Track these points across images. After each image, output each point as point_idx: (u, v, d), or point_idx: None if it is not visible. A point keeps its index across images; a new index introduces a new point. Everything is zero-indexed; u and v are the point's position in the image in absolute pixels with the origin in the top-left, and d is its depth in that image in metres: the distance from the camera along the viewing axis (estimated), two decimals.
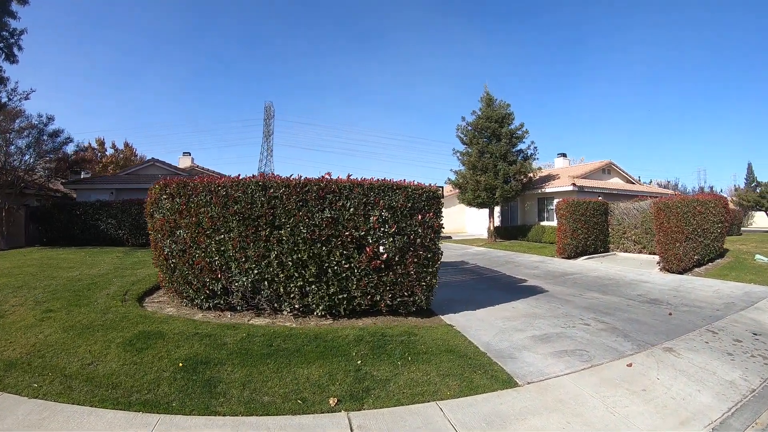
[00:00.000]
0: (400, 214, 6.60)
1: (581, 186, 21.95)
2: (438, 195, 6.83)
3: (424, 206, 6.70)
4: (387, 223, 6.57)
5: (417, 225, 6.61)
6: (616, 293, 9.41)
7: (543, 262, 14.81)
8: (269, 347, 5.27)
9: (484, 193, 21.44)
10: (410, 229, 6.62)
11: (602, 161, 29.51)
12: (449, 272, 12.47)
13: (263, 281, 6.72)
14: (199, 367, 4.64)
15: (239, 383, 4.31)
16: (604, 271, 12.86)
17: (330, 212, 6.61)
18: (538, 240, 22.32)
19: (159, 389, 4.14)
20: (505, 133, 21.34)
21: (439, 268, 6.97)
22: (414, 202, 6.67)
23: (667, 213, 12.48)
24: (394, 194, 6.63)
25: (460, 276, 11.88)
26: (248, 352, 5.07)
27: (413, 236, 6.62)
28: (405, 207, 6.61)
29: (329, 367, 4.81)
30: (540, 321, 6.91)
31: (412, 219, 6.62)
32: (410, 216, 6.63)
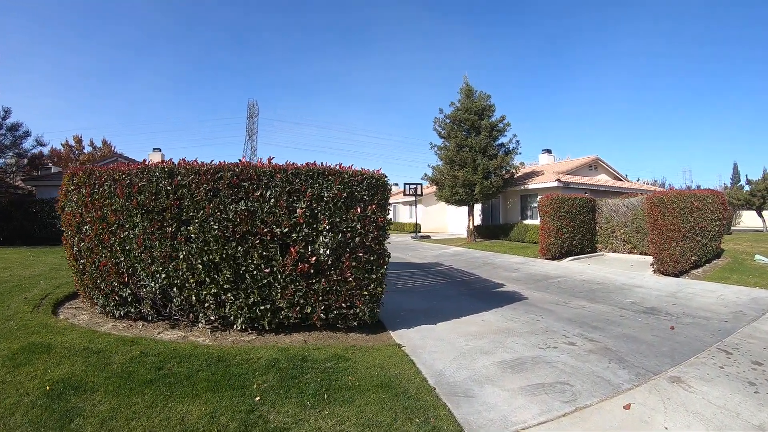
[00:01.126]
0: (333, 207, 5.27)
1: (566, 182, 20.86)
2: (382, 183, 5.51)
3: (364, 197, 5.36)
4: (316, 218, 5.25)
5: (355, 220, 5.28)
6: (606, 301, 8.20)
7: (524, 264, 13.59)
8: (158, 371, 4.30)
9: (462, 190, 20.21)
10: (346, 226, 5.29)
11: (589, 157, 28.55)
12: (418, 275, 11.17)
13: (173, 287, 5.62)
14: (67, 392, 3.82)
15: (99, 419, 3.37)
16: (591, 273, 11.66)
17: (246, 204, 5.33)
18: (520, 239, 21.18)
19: (11, 419, 3.37)
20: (485, 125, 20.13)
21: (385, 274, 5.62)
22: (351, 192, 5.34)
23: (662, 209, 11.35)
24: (325, 181, 5.31)
25: (430, 280, 10.57)
26: (130, 377, 4.15)
27: (350, 234, 5.29)
28: (339, 198, 5.28)
29: (216, 403, 3.65)
30: (514, 339, 5.60)
31: (349, 212, 5.28)
32: (346, 209, 5.29)
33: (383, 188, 5.48)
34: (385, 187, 5.50)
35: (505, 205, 24.62)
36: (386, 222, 5.46)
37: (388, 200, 5.59)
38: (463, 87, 21.71)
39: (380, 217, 5.33)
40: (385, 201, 5.48)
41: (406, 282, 10.12)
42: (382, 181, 5.46)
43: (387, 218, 5.47)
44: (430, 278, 10.84)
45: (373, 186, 5.39)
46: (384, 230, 5.44)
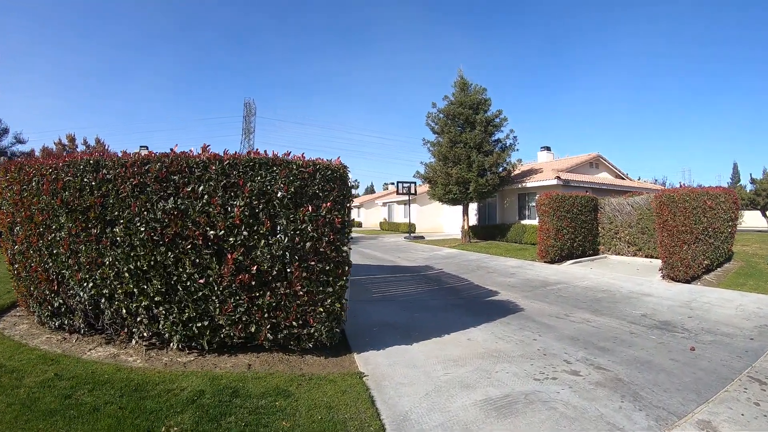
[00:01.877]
0: (277, 205, 4.32)
1: (566, 180, 19.92)
2: (341, 176, 4.57)
3: (317, 192, 4.41)
4: (257, 218, 4.30)
5: (306, 221, 4.34)
6: (612, 312, 7.26)
7: (521, 268, 12.64)
8: (64, 400, 3.66)
9: (456, 188, 19.25)
10: (295, 228, 4.33)
11: (589, 154, 27.65)
12: (404, 281, 10.22)
13: (101, 297, 4.90)
14: None
15: None
16: (594, 279, 10.72)
17: (175, 201, 4.38)
18: (518, 240, 20.24)
19: None
20: (480, 120, 19.16)
21: (346, 287, 4.67)
22: (301, 187, 4.39)
23: (673, 209, 10.43)
24: (269, 174, 4.36)
25: (416, 286, 9.61)
26: (33, 405, 3.56)
27: (300, 238, 4.33)
28: (286, 194, 4.31)
29: None
30: (503, 367, 4.65)
31: (298, 212, 4.32)
32: (294, 207, 4.35)
33: (342, 182, 4.53)
34: (344, 181, 4.55)
35: (501, 204, 23.69)
36: (345, 223, 4.51)
37: (348, 197, 4.64)
38: (458, 80, 20.74)
39: (337, 217, 4.38)
40: (343, 198, 4.53)
41: (389, 289, 9.17)
42: (340, 173, 4.51)
43: (347, 219, 4.52)
44: (416, 284, 9.88)
45: (329, 179, 4.44)
46: (342, 233, 4.49)
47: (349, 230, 4.55)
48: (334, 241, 4.35)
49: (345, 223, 4.45)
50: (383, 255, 16.69)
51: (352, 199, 4.71)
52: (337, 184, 4.43)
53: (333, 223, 4.33)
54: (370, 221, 50.69)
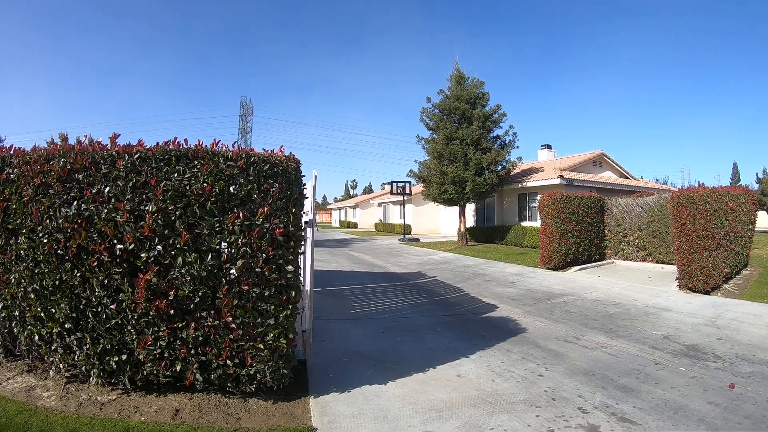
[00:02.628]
0: (199, 210, 3.30)
1: (570, 179, 18.95)
2: (286, 171, 3.55)
3: (251, 194, 3.39)
4: (173, 228, 3.29)
5: (237, 231, 3.31)
6: (630, 334, 6.29)
7: (522, 276, 11.65)
8: None
9: (451, 188, 18.24)
10: (222, 240, 3.32)
11: (593, 152, 26.67)
12: (391, 292, 9.22)
13: (12, 320, 4.16)
14: None
15: None
16: (604, 290, 9.73)
17: (78, 206, 3.39)
18: (518, 243, 19.26)
19: None
20: (477, 115, 18.15)
21: (293, 317, 3.63)
22: (228, 186, 3.37)
23: (692, 211, 9.45)
24: (188, 169, 3.36)
25: (403, 298, 8.62)
26: None
27: (231, 254, 3.31)
28: (209, 195, 3.31)
29: None
30: (502, 420, 3.64)
31: (225, 219, 3.30)
32: (220, 213, 3.33)
33: (286, 180, 3.51)
34: (290, 179, 3.54)
35: (500, 205, 22.70)
36: (291, 235, 3.47)
37: (297, 200, 3.61)
38: (454, 74, 19.75)
39: (278, 227, 3.35)
40: (287, 201, 3.50)
41: (372, 302, 8.17)
42: (283, 167, 3.50)
43: (295, 229, 3.49)
44: (405, 296, 8.88)
45: (268, 176, 3.44)
46: (287, 248, 3.46)
47: (296, 244, 3.52)
48: (274, 259, 3.33)
49: (290, 235, 3.42)
50: (373, 259, 15.70)
51: (302, 203, 3.71)
52: (278, 182, 3.41)
53: (272, 234, 3.31)
54: (366, 222, 49.66)
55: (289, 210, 3.37)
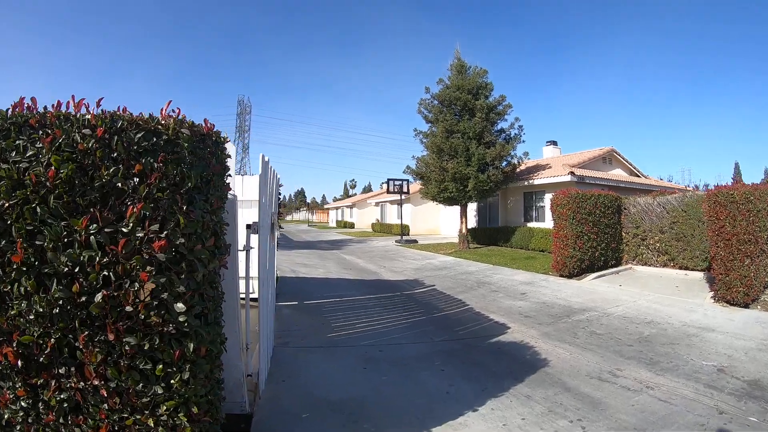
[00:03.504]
0: (40, 208, 1.99)
1: (581, 176, 17.68)
2: (173, 141, 2.16)
3: (113, 181, 2.05)
4: (8, 237, 1.97)
5: (93, 244, 1.98)
6: (677, 366, 5.05)
7: (533, 285, 10.35)
8: None
9: (452, 185, 16.91)
10: (71, 258, 2.00)
11: (602, 148, 25.38)
12: (380, 307, 7.93)
13: None
14: None
15: None
16: (630, 303, 8.45)
17: None
18: (523, 246, 17.97)
19: None
20: (480, 106, 16.82)
21: (200, 378, 2.28)
22: (86, 168, 2.04)
23: (732, 211, 8.19)
24: (30, 144, 2.06)
25: (394, 317, 7.32)
26: None
27: (85, 282, 2.00)
28: (55, 185, 1.99)
29: None
30: None
31: (76, 223, 1.98)
32: (71, 213, 2.01)
33: (177, 158, 2.14)
34: (181, 156, 2.16)
35: (504, 204, 21.38)
36: (189, 250, 2.12)
37: (210, 191, 2.28)
38: (454, 62, 18.40)
39: (159, 238, 2.00)
40: (176, 192, 2.12)
41: (356, 321, 6.87)
42: (172, 137, 2.14)
43: (190, 241, 2.14)
44: (397, 312, 7.58)
45: (142, 152, 2.09)
46: (178, 274, 2.10)
47: (193, 267, 2.16)
48: (155, 292, 2.00)
49: (181, 252, 2.07)
50: (366, 264, 14.40)
51: (221, 194, 2.40)
52: (161, 161, 2.07)
53: (150, 248, 1.98)
54: (363, 222, 48.35)
55: (179, 207, 2.04)
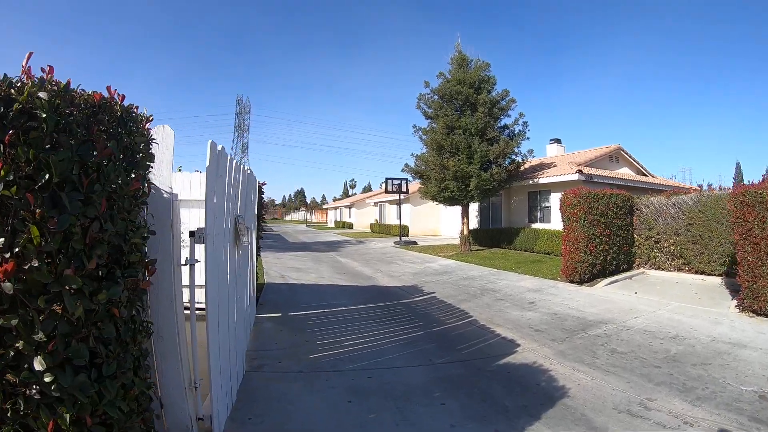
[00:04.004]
0: None
1: (589, 174, 16.93)
2: (33, 108, 1.41)
3: None
4: None
5: None
6: (714, 393, 4.38)
7: (541, 292, 9.62)
8: None
9: (453, 184, 16.17)
10: None
11: (609, 146, 24.61)
12: (372, 319, 7.19)
13: None
14: None
15: None
16: (650, 314, 7.74)
17: None
18: (528, 248, 17.24)
19: None
20: (482, 101, 16.05)
21: None
22: None
23: (761, 211, 7.48)
24: None
25: (387, 331, 6.58)
26: None
27: None
28: None
29: None
30: None
31: None
32: None
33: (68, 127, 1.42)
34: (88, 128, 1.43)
35: (507, 204, 20.64)
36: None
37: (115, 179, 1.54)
38: (455, 56, 17.62)
39: (5, 262, 1.27)
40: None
41: (344, 338, 6.11)
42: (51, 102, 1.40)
43: None
44: (392, 326, 6.83)
45: None
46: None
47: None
48: (12, 339, 1.26)
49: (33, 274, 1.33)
50: (362, 268, 13.66)
51: (120, 195, 1.68)
52: (10, 142, 1.33)
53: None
54: (361, 222, 47.62)
55: (32, 211, 1.29)
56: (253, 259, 6.34)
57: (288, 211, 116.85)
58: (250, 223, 5.59)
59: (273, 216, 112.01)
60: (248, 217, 5.22)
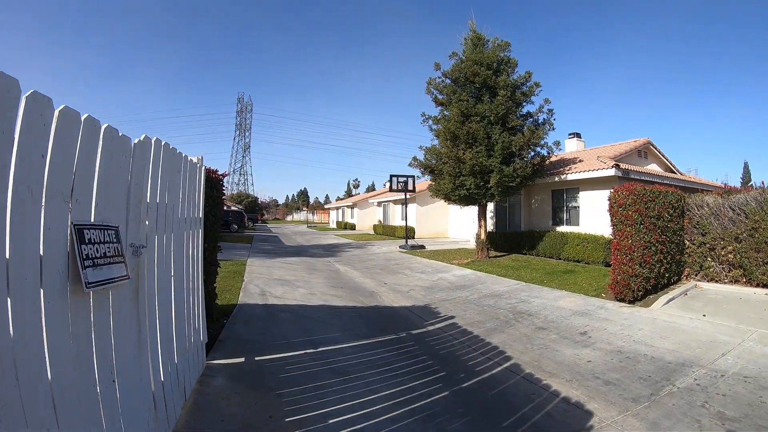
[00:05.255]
0: None
1: (626, 170, 14.98)
2: None
3: None
4: None
5: None
6: None
7: (590, 316, 7.73)
8: None
9: (471, 180, 14.15)
10: None
11: (637, 140, 22.62)
12: (373, 368, 5.30)
13: None
14: None
15: None
16: (737, 348, 5.91)
17: None
18: (553, 255, 15.33)
19: None
20: (503, 84, 14.06)
21: None
22: None
23: None
24: None
25: (393, 388, 4.71)
26: None
27: None
28: None
29: None
30: None
31: None
32: None
33: None
34: None
35: (527, 204, 18.67)
36: None
37: None
38: (469, 35, 15.57)
39: None
40: None
41: (328, 407, 4.20)
42: None
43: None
44: (399, 382, 4.93)
45: None
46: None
47: None
48: None
49: None
50: (363, 279, 11.78)
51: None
52: None
53: None
54: (364, 223, 45.72)
55: None
56: (196, 287, 4.48)
57: (290, 211, 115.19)
58: (175, 232, 3.72)
59: (275, 216, 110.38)
60: (163, 224, 3.35)
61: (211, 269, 6.02)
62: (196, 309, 4.47)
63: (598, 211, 15.21)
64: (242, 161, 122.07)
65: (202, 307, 4.78)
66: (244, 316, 7.27)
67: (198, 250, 4.58)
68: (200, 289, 4.71)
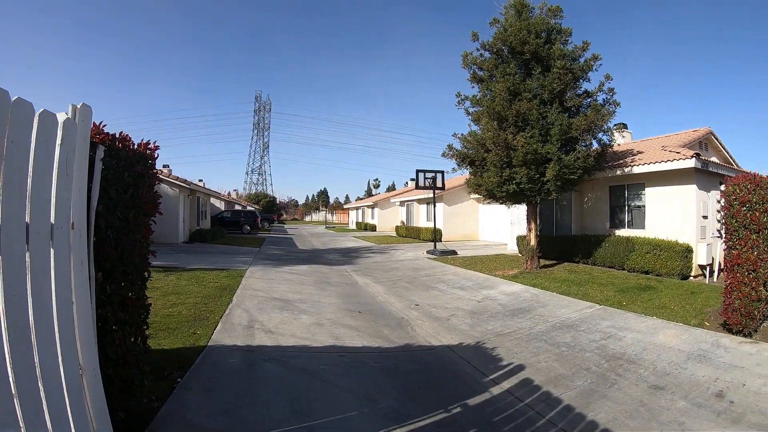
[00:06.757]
0: None
1: (705, 161, 12.57)
2: None
3: None
4: None
5: None
6: None
7: (709, 362, 5.46)
8: None
9: (522, 172, 11.61)
10: None
11: (697, 130, 19.98)
12: None
13: None
14: None
15: None
16: None
17: None
18: (615, 264, 12.96)
19: None
20: (558, 54, 11.71)
21: None
22: None
23: None
24: None
25: None
26: None
27: None
28: None
29: None
30: None
31: None
32: None
33: None
34: None
35: (579, 203, 16.22)
36: None
37: None
38: (511, 1, 13.19)
39: None
40: None
41: None
42: None
43: None
44: None
45: None
46: None
47: None
48: None
49: None
50: (387, 297, 9.64)
51: None
52: None
53: None
54: (386, 224, 43.59)
55: None
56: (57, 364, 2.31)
57: (309, 212, 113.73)
58: None
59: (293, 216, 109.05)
60: None
61: (130, 313, 3.47)
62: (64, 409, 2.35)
63: (668, 210, 12.84)
64: (261, 161, 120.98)
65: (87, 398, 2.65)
66: (210, 371, 4.89)
67: (69, 289, 2.47)
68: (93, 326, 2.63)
